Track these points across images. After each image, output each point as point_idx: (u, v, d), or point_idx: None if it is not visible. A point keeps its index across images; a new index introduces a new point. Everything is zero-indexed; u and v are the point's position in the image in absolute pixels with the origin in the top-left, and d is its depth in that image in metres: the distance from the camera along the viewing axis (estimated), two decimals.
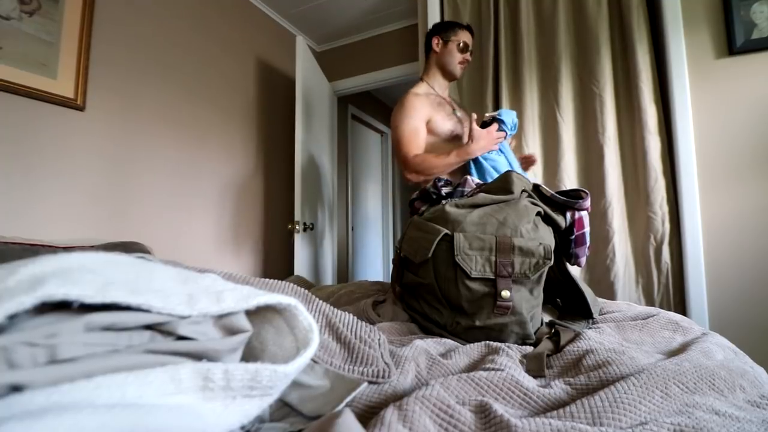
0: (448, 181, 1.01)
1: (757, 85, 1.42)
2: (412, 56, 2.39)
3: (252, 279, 0.60)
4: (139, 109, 1.71)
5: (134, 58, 1.70)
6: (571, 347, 0.62)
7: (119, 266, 0.34)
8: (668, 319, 0.78)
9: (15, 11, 1.31)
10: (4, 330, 0.24)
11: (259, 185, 2.39)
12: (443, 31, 1.44)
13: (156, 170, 1.78)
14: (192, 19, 1.97)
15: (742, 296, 1.40)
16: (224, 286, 0.38)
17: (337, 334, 0.56)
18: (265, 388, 0.33)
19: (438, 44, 1.44)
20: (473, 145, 1.21)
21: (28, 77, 1.33)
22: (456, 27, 1.43)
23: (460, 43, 1.41)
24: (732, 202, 1.43)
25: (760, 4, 1.42)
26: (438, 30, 1.46)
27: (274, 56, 2.53)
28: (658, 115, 1.53)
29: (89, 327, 0.27)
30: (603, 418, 0.40)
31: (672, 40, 1.52)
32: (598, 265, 1.58)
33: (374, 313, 0.87)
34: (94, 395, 0.24)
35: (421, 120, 1.34)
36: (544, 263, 0.68)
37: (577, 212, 0.81)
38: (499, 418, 0.38)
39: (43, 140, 1.38)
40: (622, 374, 0.49)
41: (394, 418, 0.36)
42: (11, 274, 0.26)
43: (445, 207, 0.80)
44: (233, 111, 2.22)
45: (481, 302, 0.70)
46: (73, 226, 1.46)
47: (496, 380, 0.48)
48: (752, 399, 0.47)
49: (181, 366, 0.29)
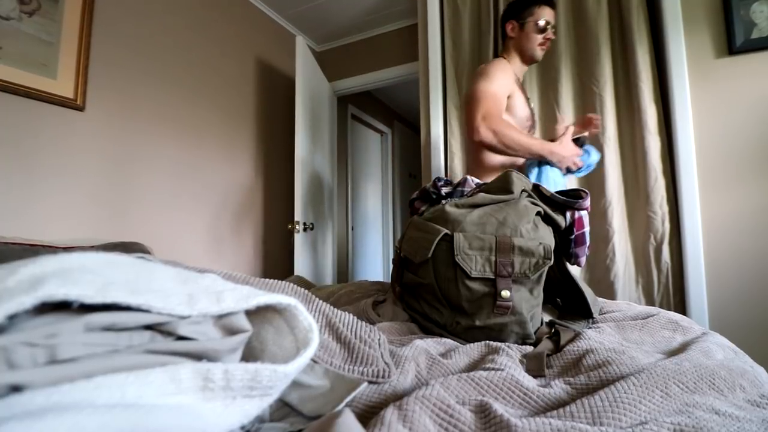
0: (447, 180, 1.01)
1: (757, 85, 1.42)
2: (412, 56, 2.39)
3: (252, 279, 0.60)
4: (138, 109, 1.71)
5: (134, 59, 1.70)
6: (571, 347, 0.62)
7: (119, 266, 0.34)
8: (668, 319, 0.78)
9: (15, 11, 1.31)
10: (4, 330, 0.24)
11: (259, 185, 2.39)
12: (518, 13, 1.29)
13: (156, 170, 1.78)
14: (192, 19, 1.97)
15: (742, 296, 1.40)
16: (224, 286, 0.38)
17: (337, 334, 0.56)
18: (265, 388, 0.33)
19: (514, 29, 1.30)
20: (560, 148, 1.12)
21: (28, 77, 1.33)
22: (532, 5, 1.27)
23: (539, 23, 1.25)
24: (732, 201, 1.43)
25: (760, 3, 1.42)
26: (512, 13, 1.31)
27: (274, 56, 2.53)
28: (658, 115, 1.53)
29: (89, 327, 0.27)
30: (603, 417, 0.40)
31: (672, 40, 1.52)
32: (598, 265, 1.58)
33: (374, 313, 0.87)
34: (94, 395, 0.24)
35: (505, 88, 1.22)
36: (544, 263, 0.68)
37: (576, 212, 0.81)
38: (499, 418, 0.38)
39: (43, 140, 1.38)
40: (622, 374, 0.49)
41: (394, 418, 0.36)
42: (11, 274, 0.26)
43: (444, 207, 0.80)
44: (233, 111, 2.22)
45: (481, 302, 0.70)
46: (73, 226, 1.46)
47: (496, 380, 0.48)
48: (752, 398, 0.47)
49: (181, 366, 0.29)
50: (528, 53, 1.31)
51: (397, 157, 4.27)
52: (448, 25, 1.93)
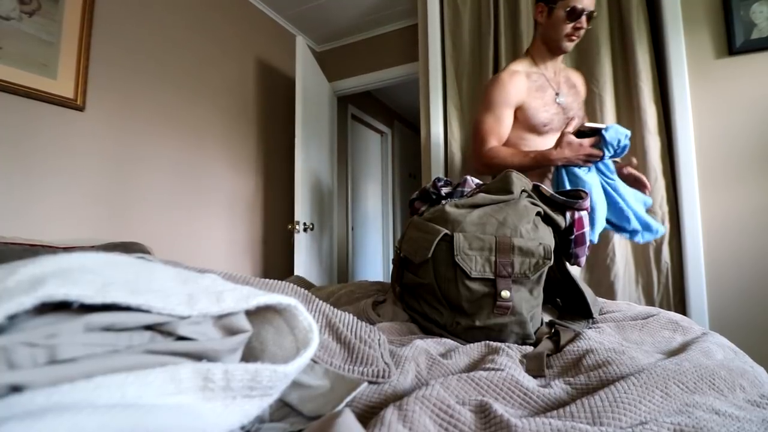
0: (447, 181, 1.01)
1: (757, 85, 1.42)
2: (412, 56, 2.39)
3: (252, 279, 0.60)
4: (138, 109, 1.71)
5: (134, 59, 1.70)
6: (571, 347, 0.62)
7: (119, 266, 0.34)
8: (668, 319, 0.78)
9: (15, 11, 1.31)
10: (4, 330, 0.24)
11: (259, 185, 2.39)
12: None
13: (156, 170, 1.78)
14: (192, 19, 1.97)
15: (742, 296, 1.40)
16: (224, 287, 0.38)
17: (337, 334, 0.56)
18: (265, 388, 0.33)
19: (542, 13, 1.17)
20: (555, 152, 1.07)
21: (28, 77, 1.33)
22: None
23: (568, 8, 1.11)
24: (732, 202, 1.43)
25: (760, 4, 1.42)
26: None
27: (274, 56, 2.53)
28: (658, 115, 1.53)
29: (89, 327, 0.27)
30: (603, 417, 0.40)
31: (672, 40, 1.52)
32: (598, 265, 1.58)
33: (374, 313, 0.87)
34: (94, 395, 0.24)
35: (508, 106, 1.17)
36: (543, 263, 0.68)
37: (576, 212, 0.81)
38: (499, 418, 0.38)
39: (43, 140, 1.38)
40: (622, 374, 0.49)
41: (394, 418, 0.36)
42: (11, 274, 0.26)
43: (444, 207, 0.80)
44: (233, 111, 2.22)
45: (481, 302, 0.70)
46: (73, 226, 1.46)
47: (496, 380, 0.48)
48: (752, 398, 0.47)
49: (181, 366, 0.29)
50: (554, 44, 1.18)
51: (397, 157, 4.28)
52: (448, 25, 1.93)
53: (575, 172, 1.11)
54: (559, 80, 1.27)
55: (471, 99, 1.89)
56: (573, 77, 1.36)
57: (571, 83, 1.33)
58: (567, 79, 1.31)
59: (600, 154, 1.06)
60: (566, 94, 1.24)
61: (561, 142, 1.08)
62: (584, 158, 1.08)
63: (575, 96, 1.29)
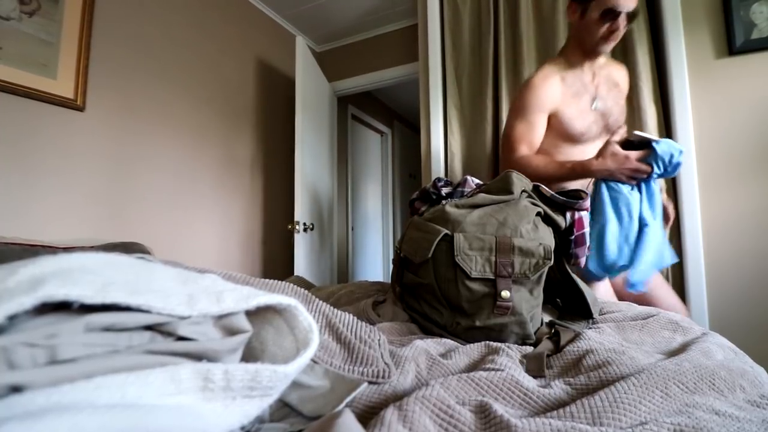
0: (448, 181, 1.01)
1: (757, 85, 1.42)
2: (412, 56, 2.39)
3: (252, 279, 0.60)
4: (138, 109, 1.71)
5: (134, 59, 1.70)
6: (571, 347, 0.62)
7: (119, 267, 0.34)
8: (668, 319, 0.78)
9: (15, 11, 1.31)
10: (4, 330, 0.24)
11: (259, 185, 2.39)
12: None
13: (156, 170, 1.78)
14: (192, 19, 1.97)
15: (742, 296, 1.40)
16: (224, 287, 0.38)
17: (337, 334, 0.56)
18: (265, 389, 0.33)
19: (575, 13, 1.10)
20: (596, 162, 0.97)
21: (28, 77, 1.33)
22: None
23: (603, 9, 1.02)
24: (732, 202, 1.43)
25: (759, 4, 1.42)
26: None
27: (274, 56, 2.53)
28: (658, 115, 1.53)
29: (89, 327, 0.27)
30: (603, 418, 0.40)
31: (672, 40, 1.52)
32: None
33: (374, 313, 0.87)
34: (94, 396, 0.24)
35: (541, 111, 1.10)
36: (544, 263, 0.68)
37: (576, 212, 0.81)
38: (499, 418, 0.38)
39: (42, 140, 1.38)
40: (622, 374, 0.49)
41: (394, 419, 0.36)
42: (11, 274, 0.26)
43: (445, 207, 0.80)
44: (233, 111, 2.22)
45: (481, 302, 0.70)
46: (73, 226, 1.46)
47: (496, 380, 0.48)
48: (752, 399, 0.47)
49: (181, 366, 0.29)
50: (588, 46, 1.09)
51: (397, 157, 4.28)
52: (448, 25, 1.93)
53: (618, 189, 0.98)
54: (599, 82, 1.17)
55: (471, 99, 1.89)
56: (615, 74, 1.23)
57: (613, 81, 1.21)
58: (608, 78, 1.19)
59: (648, 169, 0.94)
60: (605, 97, 1.14)
61: (604, 151, 0.97)
62: (629, 173, 0.96)
63: (616, 97, 1.18)
